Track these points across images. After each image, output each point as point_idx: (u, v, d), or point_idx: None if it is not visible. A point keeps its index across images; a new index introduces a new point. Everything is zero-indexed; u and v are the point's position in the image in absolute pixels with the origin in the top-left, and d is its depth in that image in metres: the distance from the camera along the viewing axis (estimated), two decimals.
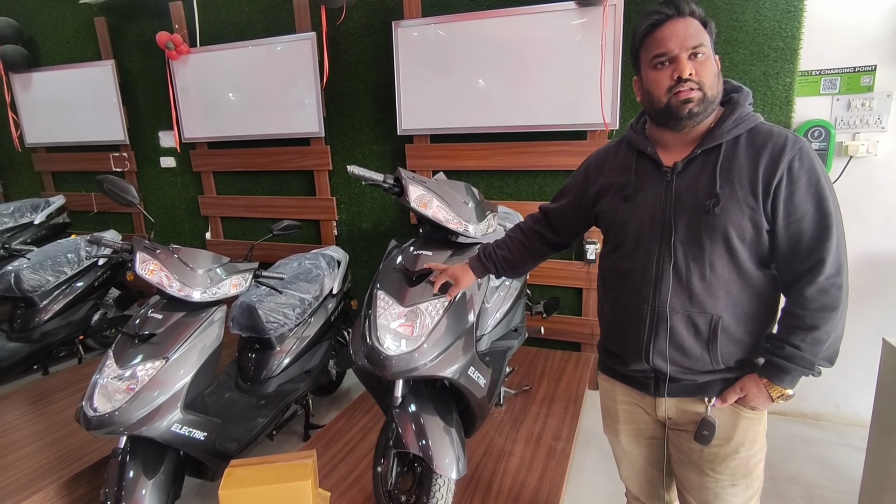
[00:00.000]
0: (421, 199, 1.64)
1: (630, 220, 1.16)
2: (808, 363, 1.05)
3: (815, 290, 1.04)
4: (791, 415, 2.65)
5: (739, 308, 1.09)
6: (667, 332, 1.11)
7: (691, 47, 1.03)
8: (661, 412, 1.20)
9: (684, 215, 1.09)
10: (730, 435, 1.14)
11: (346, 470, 1.94)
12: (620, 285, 1.20)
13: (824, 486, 2.12)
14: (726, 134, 1.07)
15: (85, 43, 3.89)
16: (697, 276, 1.09)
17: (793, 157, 1.02)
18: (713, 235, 1.06)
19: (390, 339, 1.49)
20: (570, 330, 2.93)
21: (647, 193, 1.14)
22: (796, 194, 1.03)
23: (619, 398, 1.28)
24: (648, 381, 1.19)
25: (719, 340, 1.10)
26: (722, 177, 1.06)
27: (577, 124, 2.63)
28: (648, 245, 1.13)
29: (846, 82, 2.31)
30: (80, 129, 4.06)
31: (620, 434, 1.31)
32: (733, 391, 1.12)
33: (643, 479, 1.35)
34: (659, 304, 1.12)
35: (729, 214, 1.05)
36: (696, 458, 1.18)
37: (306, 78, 3.18)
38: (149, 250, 1.82)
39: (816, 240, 1.04)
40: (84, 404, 1.64)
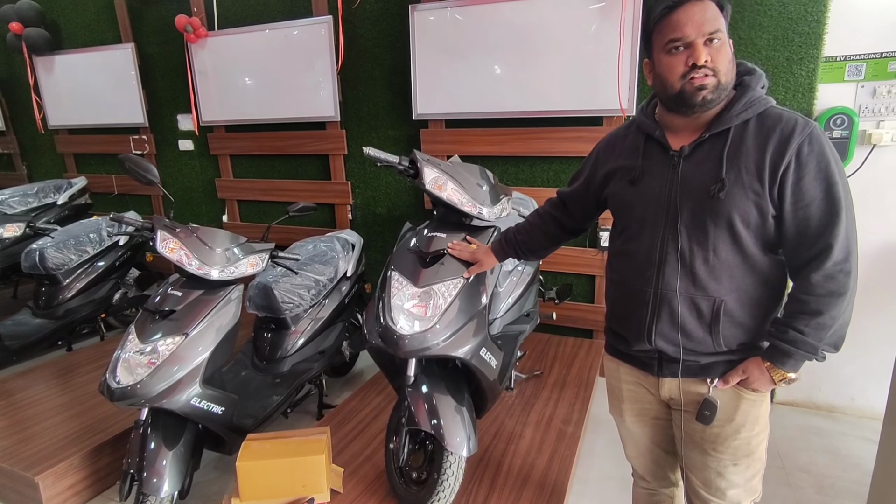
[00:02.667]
0: (436, 181, 1.65)
1: (636, 203, 1.17)
2: (812, 348, 1.05)
3: (822, 276, 1.03)
4: (804, 406, 2.63)
5: (743, 292, 1.10)
6: (669, 314, 1.12)
7: (708, 33, 1.01)
8: (664, 392, 1.22)
9: (689, 200, 1.09)
10: (731, 416, 1.15)
11: (358, 447, 1.98)
12: (625, 267, 1.21)
13: (835, 476, 2.11)
14: (735, 118, 1.06)
15: (105, 26, 3.94)
16: (701, 259, 1.09)
17: (802, 141, 1.01)
18: (717, 220, 1.06)
19: (404, 319, 1.52)
20: (582, 317, 2.93)
21: (654, 177, 1.15)
22: (804, 179, 1.01)
23: (624, 378, 1.30)
24: (652, 362, 1.20)
25: (721, 323, 1.10)
26: (729, 162, 1.05)
27: (593, 110, 2.61)
28: (653, 228, 1.14)
29: (872, 68, 2.26)
30: (101, 111, 4.12)
31: (625, 413, 1.33)
32: (735, 373, 1.13)
33: (648, 459, 1.37)
34: (662, 286, 1.13)
35: (734, 200, 1.04)
36: (698, 438, 1.20)
37: (322, 62, 3.18)
38: (169, 229, 1.86)
39: (824, 226, 1.02)
40: (108, 377, 1.69)
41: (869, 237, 2.39)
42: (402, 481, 1.64)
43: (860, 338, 2.46)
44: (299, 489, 1.61)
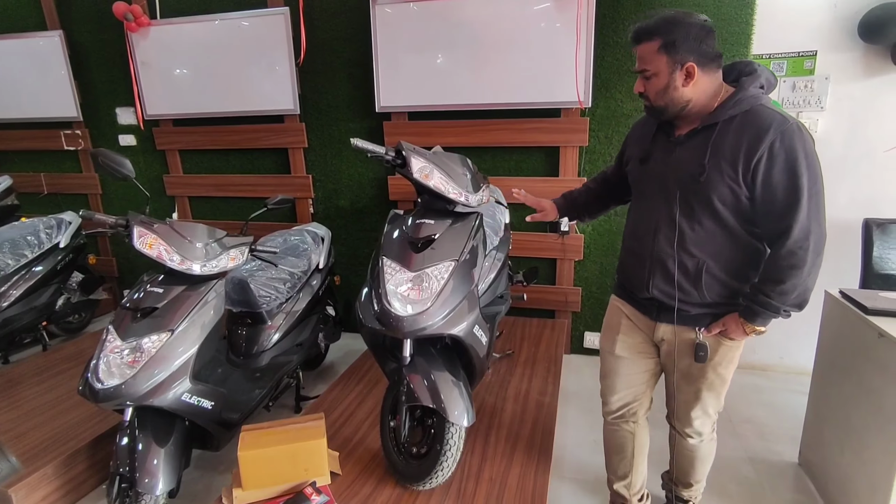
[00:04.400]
0: (423, 170, 1.71)
1: (643, 179, 1.45)
2: (776, 308, 1.29)
3: (785, 252, 1.25)
4: (742, 367, 2.92)
5: (723, 256, 1.34)
6: (663, 271, 1.39)
7: (640, 70, 1.32)
8: (657, 335, 1.50)
9: (680, 180, 1.33)
10: (712, 356, 1.44)
11: (349, 432, 2.03)
12: (632, 232, 1.51)
13: (774, 425, 2.40)
14: (724, 114, 1.26)
15: (26, 11, 3.64)
16: (688, 229, 1.34)
17: (774, 138, 1.20)
18: (700, 199, 1.30)
19: (399, 303, 1.58)
20: (545, 298, 3.11)
21: (658, 159, 1.40)
22: (773, 169, 1.21)
23: (626, 315, 1.57)
24: (652, 308, 1.48)
25: (704, 279, 1.35)
26: (712, 151, 1.27)
27: (552, 102, 2.77)
28: (653, 201, 1.40)
29: (791, 66, 2.56)
30: (26, 104, 3.81)
31: (616, 343, 1.58)
32: (717, 325, 1.40)
33: (625, 384, 1.61)
34: (657, 249, 1.39)
35: (712, 183, 1.27)
36: (684, 371, 1.49)
37: (280, 54, 3.14)
38: (146, 224, 1.80)
39: (786, 210, 1.22)
40: (89, 377, 1.63)
41: None
42: (402, 458, 1.71)
43: None
44: (301, 474, 1.64)
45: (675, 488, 1.77)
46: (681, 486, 1.75)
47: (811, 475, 2.05)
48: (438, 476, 1.61)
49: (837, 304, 1.90)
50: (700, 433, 1.57)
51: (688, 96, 1.28)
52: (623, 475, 1.72)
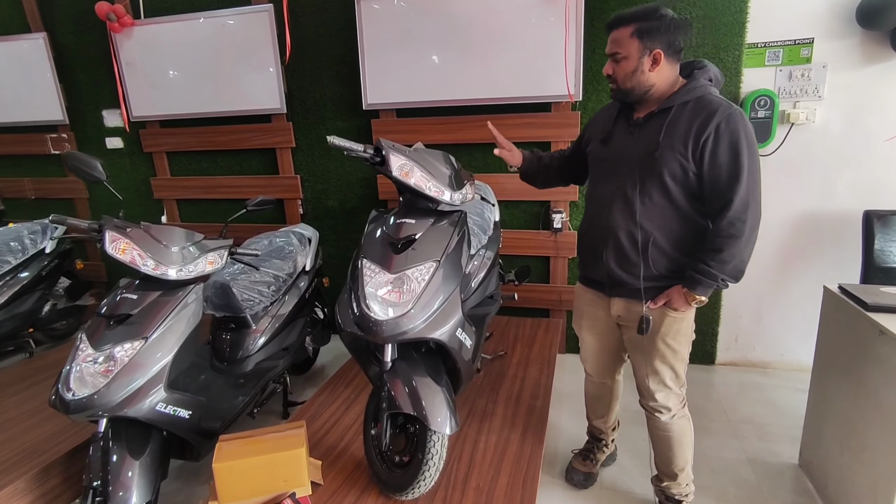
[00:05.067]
0: (402, 168, 1.65)
1: (603, 158, 1.58)
2: (714, 276, 1.40)
3: (725, 223, 1.37)
4: (742, 365, 2.88)
5: (668, 229, 1.47)
6: (615, 243, 1.51)
7: (611, 52, 1.44)
8: (613, 311, 1.62)
9: (637, 157, 1.46)
10: (658, 328, 1.54)
11: (333, 439, 1.97)
12: (590, 207, 1.64)
13: (773, 424, 2.34)
14: (678, 99, 1.42)
15: (8, 13, 3.58)
16: (639, 202, 1.46)
17: (721, 120, 1.35)
18: (652, 174, 1.43)
19: (379, 306, 1.52)
20: (539, 297, 3.04)
21: (618, 139, 1.54)
22: (719, 148, 1.36)
23: (587, 300, 1.72)
24: (605, 285, 1.61)
25: (651, 251, 1.47)
26: (666, 131, 1.41)
27: (542, 96, 2.70)
28: (611, 178, 1.53)
29: (788, 54, 2.49)
30: (11, 108, 3.76)
31: (583, 327, 1.76)
32: (662, 297, 1.51)
33: (596, 360, 1.81)
34: (611, 222, 1.51)
35: (665, 160, 1.40)
36: (638, 346, 1.61)
37: (265, 52, 3.08)
38: (119, 228, 1.74)
39: (728, 184, 1.36)
40: (60, 388, 1.57)
41: (789, 208, 2.64)
42: (384, 466, 1.65)
43: (786, 300, 2.74)
44: (280, 485, 1.58)
45: (663, 486, 1.79)
46: (667, 478, 1.77)
47: (811, 477, 1.98)
48: (421, 486, 1.55)
49: (836, 299, 1.83)
50: (667, 407, 1.64)
51: (652, 81, 1.43)
52: (601, 415, 1.95)
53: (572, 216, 2.91)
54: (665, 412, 1.65)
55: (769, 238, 2.70)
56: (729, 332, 2.86)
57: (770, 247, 2.70)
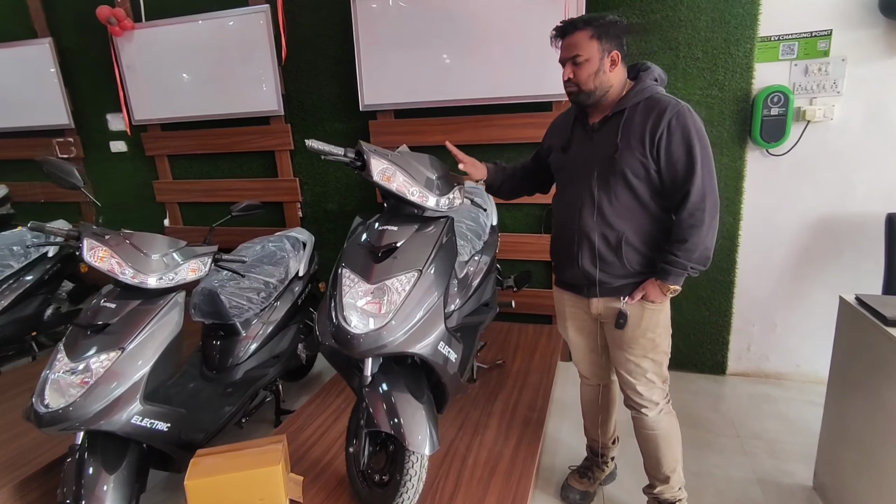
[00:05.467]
0: (384, 172, 1.57)
1: (566, 165, 1.60)
2: (683, 266, 1.45)
3: (686, 214, 1.42)
4: (755, 375, 2.74)
5: (638, 227, 1.50)
6: (589, 245, 1.53)
7: (570, 56, 1.45)
8: (594, 310, 1.62)
9: (598, 160, 1.49)
10: (639, 322, 1.55)
11: (319, 453, 1.91)
12: (559, 215, 1.65)
13: (785, 441, 2.20)
14: (630, 101, 1.46)
15: (16, 19, 3.61)
16: (607, 203, 1.49)
17: (671, 116, 1.40)
18: (615, 174, 1.46)
19: (357, 318, 1.45)
20: (541, 303, 2.94)
21: (578, 145, 1.57)
22: (672, 144, 1.40)
23: (567, 302, 1.72)
24: (582, 286, 1.61)
25: (624, 250, 1.50)
26: (623, 132, 1.45)
27: (542, 95, 2.60)
28: (576, 183, 1.55)
29: (803, 47, 2.34)
30: (20, 113, 3.80)
31: (568, 329, 1.76)
32: (638, 291, 1.54)
33: (587, 361, 1.80)
34: (582, 225, 1.53)
35: (625, 159, 1.44)
36: (619, 341, 1.61)
37: (262, 53, 3.04)
38: (97, 236, 1.71)
39: (685, 177, 1.41)
40: (35, 401, 1.54)
41: (805, 211, 2.49)
42: (365, 485, 1.58)
43: (802, 308, 2.59)
44: (256, 503, 1.52)
45: (656, 493, 1.74)
46: (659, 483, 1.73)
47: (826, 501, 1.85)
48: None
49: (853, 311, 1.70)
50: (653, 401, 1.64)
51: (612, 81, 1.47)
52: (599, 425, 1.88)
53: None
54: (651, 406, 1.64)
55: (784, 243, 2.55)
56: (740, 340, 2.72)
57: (785, 252, 2.56)
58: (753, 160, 2.51)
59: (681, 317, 2.68)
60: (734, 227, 2.56)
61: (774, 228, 2.55)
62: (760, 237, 2.57)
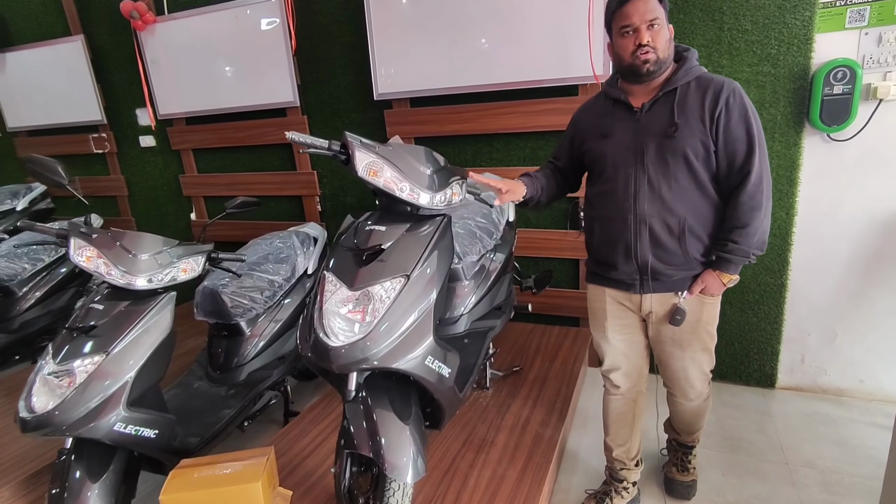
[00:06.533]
0: (370, 166, 1.43)
1: (608, 151, 1.48)
2: (745, 253, 1.40)
3: (746, 196, 1.37)
4: (809, 390, 2.43)
5: (699, 212, 1.42)
6: (648, 233, 1.43)
7: (649, 20, 1.34)
8: (645, 307, 1.53)
9: (652, 141, 1.41)
10: (698, 317, 1.51)
11: (313, 464, 1.81)
12: (605, 204, 1.50)
13: (844, 472, 1.91)
14: (680, 80, 1.40)
15: (53, 18, 3.70)
16: (666, 187, 1.40)
17: (728, 94, 1.36)
18: (675, 155, 1.39)
19: (337, 328, 1.32)
20: (566, 304, 2.73)
21: (622, 129, 1.46)
22: (731, 121, 1.36)
23: (609, 299, 1.59)
24: (635, 282, 1.50)
25: (687, 237, 1.42)
26: (678, 110, 1.38)
27: (567, 78, 2.37)
28: (626, 168, 1.44)
29: (876, 12, 2.00)
30: (58, 110, 3.91)
31: (608, 330, 1.61)
32: (697, 285, 1.47)
33: (627, 366, 1.65)
34: (639, 211, 1.43)
35: (685, 138, 1.37)
36: (676, 338, 1.54)
37: (277, 43, 2.95)
38: (84, 235, 1.66)
39: (746, 157, 1.36)
40: (20, 404, 1.51)
41: (874, 205, 2.16)
42: None
43: (868, 314, 2.26)
44: None
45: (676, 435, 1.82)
46: (684, 434, 1.79)
47: None
48: None
49: None
50: (701, 393, 1.63)
51: (671, 54, 1.40)
52: (623, 442, 1.74)
53: None
54: (697, 398, 1.64)
55: (846, 241, 2.22)
56: (794, 350, 2.41)
57: (848, 252, 2.23)
58: (811, 146, 2.19)
59: (724, 322, 2.40)
60: (787, 223, 2.26)
61: (835, 225, 2.22)
62: (818, 235, 2.25)
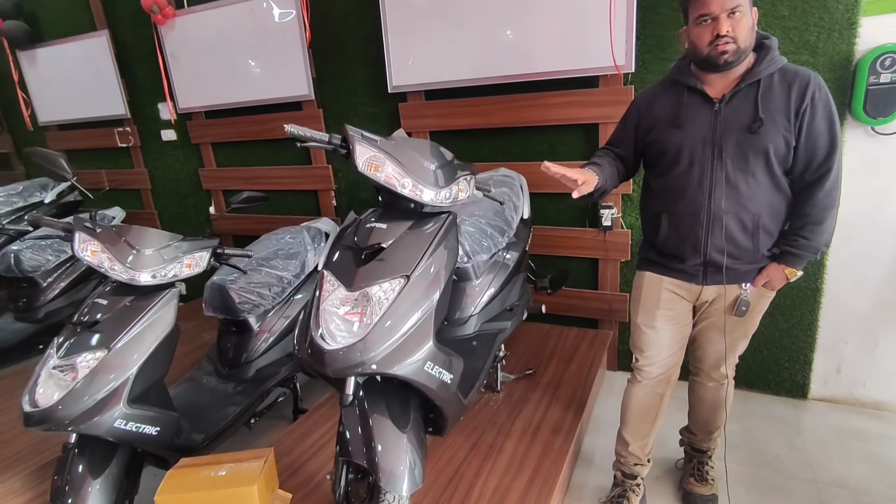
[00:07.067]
0: (370, 161, 1.37)
1: (683, 143, 1.42)
2: (815, 249, 1.40)
3: (823, 194, 1.36)
4: (845, 403, 2.27)
5: (773, 209, 1.41)
6: (721, 229, 1.41)
7: (729, 8, 1.27)
8: (703, 297, 1.53)
9: (732, 136, 1.36)
10: (754, 308, 1.52)
11: (317, 466, 1.77)
12: (676, 199, 1.47)
13: (878, 493, 1.77)
14: (764, 71, 1.34)
15: (81, 14, 3.75)
16: (743, 183, 1.38)
17: (815, 88, 1.31)
18: (756, 151, 1.35)
19: (334, 330, 1.27)
20: (585, 305, 2.63)
21: (697, 121, 1.41)
22: (816, 118, 1.32)
23: (665, 288, 1.56)
24: (698, 273, 1.50)
25: (760, 233, 1.41)
26: (762, 105, 1.33)
27: (587, 69, 2.26)
28: (701, 163, 1.41)
29: None
30: (86, 104, 3.97)
31: (657, 318, 1.58)
32: (761, 277, 1.48)
33: (667, 355, 1.61)
34: (714, 207, 1.41)
35: (769, 134, 1.33)
36: (721, 325, 1.55)
37: (292, 36, 2.91)
38: (89, 230, 1.66)
39: (827, 155, 1.34)
40: (25, 398, 1.52)
41: None
42: None
43: None
44: None
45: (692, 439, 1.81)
46: (701, 433, 1.78)
47: None
48: None
49: None
50: (724, 376, 1.64)
51: (753, 43, 1.34)
52: (643, 436, 1.70)
53: (625, 212, 2.44)
54: (721, 379, 1.66)
55: (891, 243, 2.06)
56: (828, 360, 2.25)
57: (892, 254, 2.06)
58: (853, 140, 2.03)
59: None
60: None
61: (879, 225, 2.06)
62: (858, 236, 2.09)
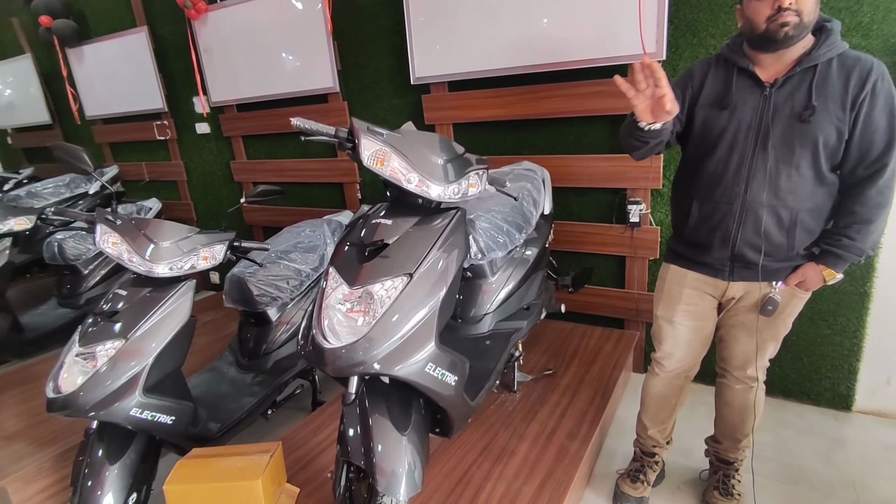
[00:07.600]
0: (376, 155, 1.34)
1: (728, 126, 1.34)
2: (859, 251, 1.30)
3: (875, 191, 1.26)
4: (894, 417, 2.09)
5: (814, 205, 1.31)
6: (754, 223, 1.33)
7: None
8: (729, 293, 1.46)
9: (780, 124, 1.28)
10: (783, 309, 1.42)
11: (327, 461, 1.77)
12: (710, 185, 1.39)
13: None
14: (822, 56, 1.25)
15: (123, 11, 3.89)
16: (785, 176, 1.30)
17: (877, 78, 1.22)
18: (804, 141, 1.27)
19: (336, 327, 1.25)
20: (610, 304, 2.53)
21: (745, 104, 1.32)
22: (875, 109, 1.23)
23: (689, 283, 1.50)
24: (724, 268, 1.43)
25: (797, 230, 1.32)
26: (817, 91, 1.25)
27: (615, 57, 2.15)
28: (742, 149, 1.33)
29: None
30: (128, 99, 4.12)
31: (677, 313, 1.53)
32: (795, 276, 1.38)
33: (685, 352, 1.57)
34: (749, 199, 1.33)
35: (821, 124, 1.25)
36: (750, 325, 1.47)
37: (318, 28, 2.91)
38: (109, 222, 1.70)
39: (884, 150, 1.24)
40: (48, 385, 1.57)
41: None
42: None
43: None
44: None
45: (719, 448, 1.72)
46: (728, 442, 1.68)
47: None
48: None
49: None
50: (753, 378, 1.56)
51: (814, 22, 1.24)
52: (662, 421, 1.69)
53: (654, 208, 2.32)
54: (750, 381, 1.57)
55: None
56: (876, 370, 2.08)
57: None
58: None
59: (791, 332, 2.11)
60: None
61: None
62: None
